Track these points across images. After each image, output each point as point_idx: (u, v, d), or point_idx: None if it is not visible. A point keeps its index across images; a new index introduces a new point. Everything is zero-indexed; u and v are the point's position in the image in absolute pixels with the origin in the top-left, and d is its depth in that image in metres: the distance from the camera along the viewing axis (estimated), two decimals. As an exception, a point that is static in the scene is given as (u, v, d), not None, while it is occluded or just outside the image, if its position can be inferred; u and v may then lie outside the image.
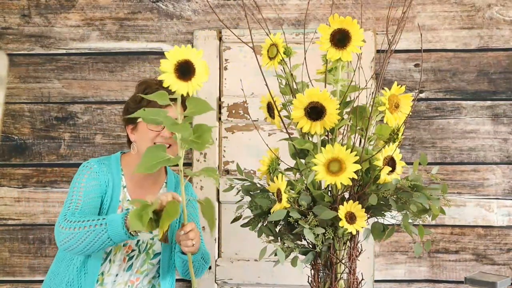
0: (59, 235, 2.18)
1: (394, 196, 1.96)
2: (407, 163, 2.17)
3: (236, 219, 2.13)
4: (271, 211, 1.96)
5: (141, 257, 2.35)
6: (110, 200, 2.31)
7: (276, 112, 2.05)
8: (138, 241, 2.33)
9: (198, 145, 1.84)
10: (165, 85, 1.82)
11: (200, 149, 1.85)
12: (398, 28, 2.00)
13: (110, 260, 2.32)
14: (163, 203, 1.97)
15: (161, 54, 3.07)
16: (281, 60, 2.03)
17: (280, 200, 1.93)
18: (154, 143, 2.26)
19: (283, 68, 2.05)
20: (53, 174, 3.13)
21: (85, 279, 2.29)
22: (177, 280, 3.08)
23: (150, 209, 1.89)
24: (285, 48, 2.05)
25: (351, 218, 1.92)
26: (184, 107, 2.21)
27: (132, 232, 2.09)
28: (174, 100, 2.01)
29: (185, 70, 1.82)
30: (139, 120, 2.28)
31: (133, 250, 2.34)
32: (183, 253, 2.22)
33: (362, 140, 1.99)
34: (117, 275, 2.33)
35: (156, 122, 1.88)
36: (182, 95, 1.84)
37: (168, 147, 2.25)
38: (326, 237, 1.93)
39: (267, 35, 2.06)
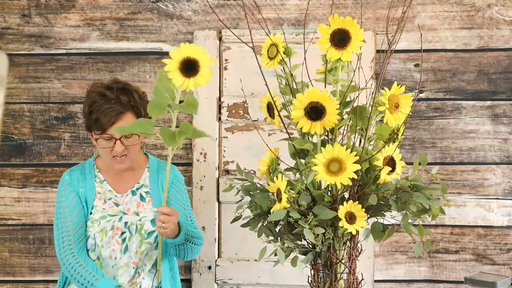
0: (59, 262, 2.39)
1: (394, 196, 1.96)
2: (407, 163, 2.17)
3: (236, 219, 2.13)
4: (271, 211, 1.96)
5: (136, 238, 2.40)
6: (85, 198, 2.42)
7: (276, 112, 2.05)
8: (125, 223, 2.41)
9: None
10: (169, 74, 1.92)
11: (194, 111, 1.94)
12: (398, 28, 2.00)
13: (96, 245, 2.39)
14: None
15: (161, 54, 3.08)
16: (281, 60, 2.03)
17: (280, 200, 1.93)
18: (113, 156, 2.37)
19: (283, 68, 2.05)
20: (53, 174, 3.13)
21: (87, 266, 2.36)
22: (177, 280, 3.08)
23: None
24: (285, 48, 2.05)
25: (351, 218, 1.92)
26: (136, 114, 2.39)
27: None
28: (120, 114, 2.30)
29: (189, 67, 1.92)
30: (93, 134, 2.37)
31: (123, 233, 2.40)
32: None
33: (362, 140, 1.99)
34: (115, 258, 2.39)
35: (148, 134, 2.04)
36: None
37: (125, 157, 2.37)
38: (326, 237, 1.93)
39: (267, 35, 2.06)
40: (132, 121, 2.35)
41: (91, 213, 2.41)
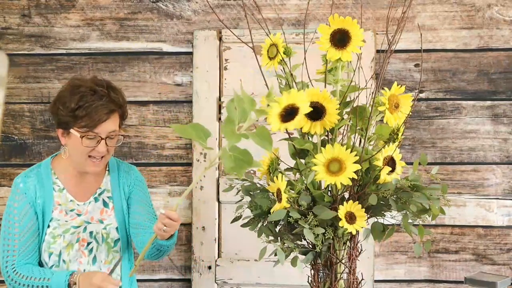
0: (6, 283, 2.28)
1: (394, 196, 1.96)
2: (407, 163, 2.16)
3: (236, 219, 2.13)
4: (271, 211, 1.96)
5: (103, 248, 2.35)
6: (42, 209, 2.30)
7: (276, 112, 2.04)
8: (91, 232, 2.32)
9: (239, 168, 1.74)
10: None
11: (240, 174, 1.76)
12: (398, 28, 2.00)
13: (63, 260, 2.30)
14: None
15: (161, 54, 3.08)
16: (281, 60, 2.03)
17: (280, 200, 1.93)
18: (89, 156, 2.26)
19: (283, 68, 2.05)
20: (53, 174, 3.13)
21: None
22: (177, 280, 3.08)
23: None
24: (285, 48, 2.04)
25: (351, 218, 1.92)
26: (121, 115, 2.30)
27: None
28: (111, 112, 2.20)
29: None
30: (72, 131, 2.25)
31: (89, 243, 2.33)
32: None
33: (362, 140, 1.99)
34: (84, 270, 2.31)
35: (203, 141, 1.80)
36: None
37: (101, 159, 2.27)
38: (326, 237, 1.93)
39: (267, 35, 2.06)
40: (117, 121, 2.27)
41: (49, 226, 2.30)
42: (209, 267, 3.00)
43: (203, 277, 3.01)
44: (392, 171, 1.99)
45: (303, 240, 2.01)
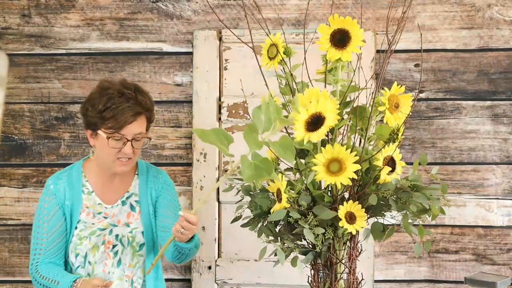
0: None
1: (394, 196, 1.96)
2: (407, 163, 2.16)
3: (236, 219, 2.13)
4: (271, 211, 1.96)
5: (128, 251, 2.37)
6: (70, 211, 2.34)
7: (276, 112, 2.04)
8: (116, 235, 2.36)
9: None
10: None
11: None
12: (398, 28, 2.00)
13: (89, 262, 2.34)
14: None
15: (161, 54, 3.08)
16: (281, 60, 2.03)
17: (280, 200, 1.93)
18: (118, 158, 2.29)
19: (283, 68, 2.05)
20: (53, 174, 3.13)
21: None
22: (177, 280, 3.08)
23: None
24: (285, 48, 2.04)
25: (351, 218, 1.92)
26: (148, 118, 2.33)
27: None
28: (138, 115, 2.23)
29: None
30: (99, 132, 2.28)
31: (114, 246, 2.36)
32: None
33: (362, 140, 1.99)
34: (109, 272, 2.35)
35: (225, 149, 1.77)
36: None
37: (129, 160, 2.31)
38: (326, 237, 1.93)
39: (267, 35, 2.06)
40: (144, 123, 2.31)
41: (76, 227, 2.34)
42: (209, 267, 3.00)
43: (203, 277, 3.01)
44: (392, 171, 1.99)
45: (303, 240, 2.01)
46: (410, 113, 2.02)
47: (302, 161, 2.03)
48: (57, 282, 2.27)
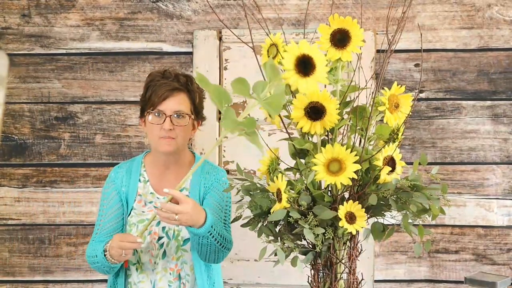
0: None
1: (394, 196, 1.96)
2: (407, 163, 2.16)
3: (236, 219, 2.13)
4: (271, 211, 1.96)
5: (173, 244, 2.36)
6: (126, 197, 2.40)
7: (276, 112, 2.04)
8: (163, 227, 2.36)
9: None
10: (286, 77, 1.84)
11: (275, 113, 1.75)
12: (398, 28, 2.00)
13: (136, 250, 2.35)
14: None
15: (161, 54, 3.08)
16: (281, 60, 2.03)
17: (280, 200, 1.93)
18: (161, 137, 2.32)
19: (283, 68, 2.05)
20: (53, 174, 3.13)
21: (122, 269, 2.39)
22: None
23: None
24: (285, 48, 2.04)
25: (351, 218, 1.91)
26: (190, 98, 2.36)
27: (112, 260, 2.25)
28: (175, 90, 2.28)
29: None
30: (144, 114, 2.35)
31: (160, 237, 2.36)
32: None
33: (362, 140, 1.99)
34: (155, 263, 2.36)
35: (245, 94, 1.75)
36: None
37: (172, 139, 2.32)
38: (326, 237, 1.93)
39: (267, 35, 2.06)
40: (185, 103, 2.33)
41: (129, 215, 2.38)
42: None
43: (203, 277, 3.00)
44: (392, 171, 1.98)
45: (303, 240, 2.01)
46: (410, 113, 2.02)
47: (302, 161, 2.03)
48: (95, 255, 2.31)
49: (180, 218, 2.13)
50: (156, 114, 2.30)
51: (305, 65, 1.86)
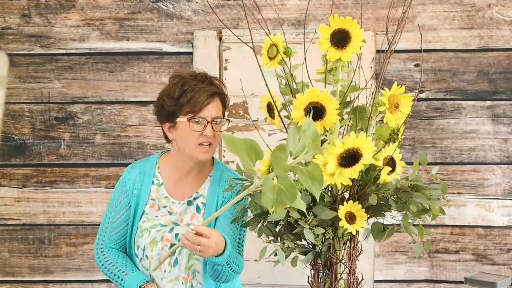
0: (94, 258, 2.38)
1: (394, 196, 1.96)
2: (407, 163, 2.16)
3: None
4: (271, 211, 1.96)
5: (185, 252, 2.28)
6: (137, 200, 2.32)
7: (276, 112, 2.05)
8: (176, 234, 2.28)
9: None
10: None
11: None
12: (398, 28, 2.00)
13: (146, 256, 2.30)
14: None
15: (161, 54, 3.08)
16: (281, 60, 2.03)
17: (280, 200, 1.92)
18: (199, 144, 2.22)
19: (283, 68, 2.05)
20: (53, 174, 3.13)
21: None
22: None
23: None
24: (285, 48, 2.04)
25: (351, 218, 1.91)
26: (223, 103, 2.29)
27: None
28: (213, 95, 2.20)
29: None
30: (178, 119, 2.23)
31: (172, 245, 2.28)
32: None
33: (362, 140, 1.99)
34: (165, 271, 2.29)
35: None
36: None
37: (209, 145, 2.24)
38: (326, 237, 1.93)
39: (267, 35, 2.06)
40: (220, 107, 2.25)
41: (140, 219, 2.30)
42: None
43: (203, 277, 3.00)
44: (392, 171, 1.98)
45: (303, 240, 2.01)
46: (410, 113, 2.02)
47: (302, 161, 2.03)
48: (125, 273, 2.26)
49: (202, 249, 2.08)
50: (197, 120, 2.21)
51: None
